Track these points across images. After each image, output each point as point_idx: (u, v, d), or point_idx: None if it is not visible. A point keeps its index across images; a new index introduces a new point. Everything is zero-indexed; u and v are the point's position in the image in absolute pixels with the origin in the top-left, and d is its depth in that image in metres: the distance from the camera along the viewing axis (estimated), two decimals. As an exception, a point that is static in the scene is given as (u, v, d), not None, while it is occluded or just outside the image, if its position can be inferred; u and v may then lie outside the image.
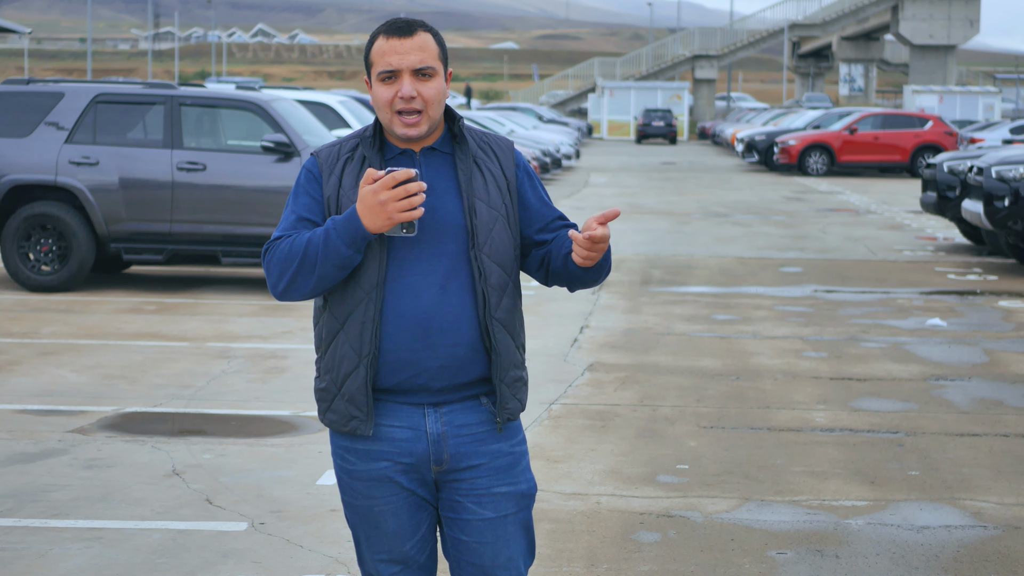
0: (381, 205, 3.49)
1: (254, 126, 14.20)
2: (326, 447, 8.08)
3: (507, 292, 3.72)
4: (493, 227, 3.69)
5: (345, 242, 3.55)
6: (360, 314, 3.64)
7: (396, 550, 3.77)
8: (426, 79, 3.65)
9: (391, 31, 3.66)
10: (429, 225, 3.63)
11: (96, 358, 10.70)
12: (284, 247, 3.63)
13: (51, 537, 6.38)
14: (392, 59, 3.63)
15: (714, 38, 79.13)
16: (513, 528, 3.78)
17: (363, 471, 3.73)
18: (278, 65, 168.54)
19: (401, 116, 3.64)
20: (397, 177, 3.49)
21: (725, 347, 11.61)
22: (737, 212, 26.27)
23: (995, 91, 61.41)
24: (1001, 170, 16.73)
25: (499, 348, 3.70)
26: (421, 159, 3.70)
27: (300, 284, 3.62)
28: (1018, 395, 9.87)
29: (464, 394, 3.72)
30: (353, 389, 3.66)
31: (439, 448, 3.70)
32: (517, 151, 3.84)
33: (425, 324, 3.63)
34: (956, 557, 6.32)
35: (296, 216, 3.70)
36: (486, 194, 3.71)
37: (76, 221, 13.94)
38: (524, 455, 3.83)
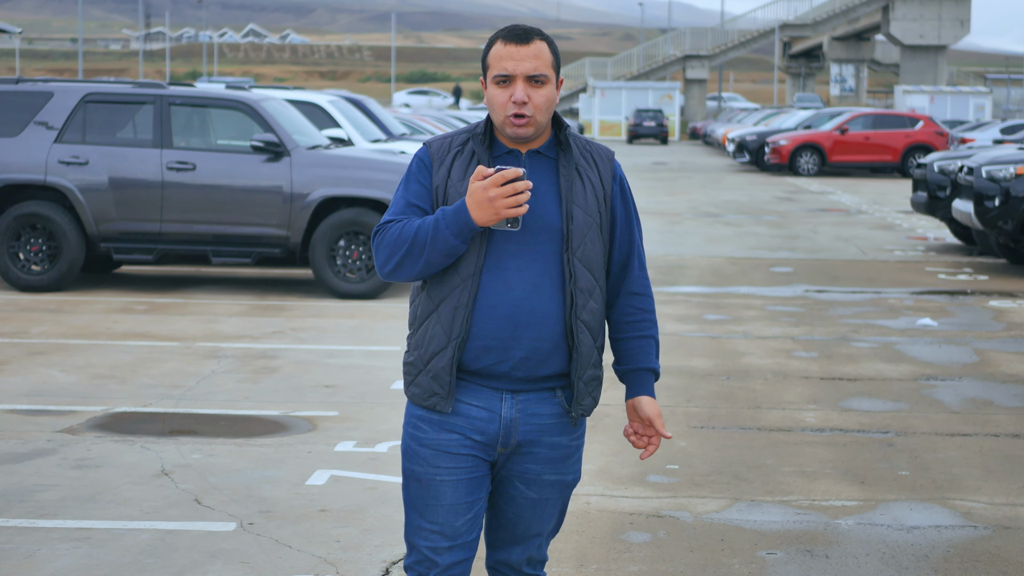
0: (490, 201, 3.75)
1: (244, 126, 14.18)
2: (315, 447, 8.07)
3: (593, 296, 3.95)
4: (587, 233, 3.93)
5: (453, 232, 3.80)
6: (455, 299, 3.88)
7: (449, 524, 3.97)
8: (539, 86, 3.89)
9: (510, 37, 3.90)
10: (528, 224, 3.88)
11: (86, 358, 10.67)
12: (395, 231, 3.89)
13: (39, 537, 6.36)
14: (508, 64, 3.88)
15: (705, 38, 79.15)
16: (551, 510, 4.09)
17: (433, 440, 3.96)
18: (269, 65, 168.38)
19: (512, 118, 3.87)
20: (506, 175, 3.74)
21: (716, 347, 11.61)
22: (728, 212, 26.28)
23: (986, 91, 61.48)
24: (991, 170, 16.75)
25: (580, 348, 3.93)
26: (527, 160, 3.94)
27: (407, 267, 3.88)
28: (1008, 395, 9.87)
29: (541, 385, 3.96)
30: (439, 367, 3.90)
31: (508, 432, 3.96)
32: (618, 164, 4.08)
33: (514, 316, 3.87)
34: (946, 557, 6.32)
35: (406, 202, 3.95)
36: (584, 201, 3.94)
37: (66, 221, 13.91)
38: (579, 448, 4.10)
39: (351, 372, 10.28)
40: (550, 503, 4.07)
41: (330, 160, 14.02)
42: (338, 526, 6.59)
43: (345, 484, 7.31)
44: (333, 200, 13.89)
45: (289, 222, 13.80)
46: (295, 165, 13.82)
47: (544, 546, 4.15)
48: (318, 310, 13.30)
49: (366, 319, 12.77)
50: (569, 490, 4.11)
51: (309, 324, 12.45)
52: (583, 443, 4.10)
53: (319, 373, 10.24)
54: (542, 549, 4.15)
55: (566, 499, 4.13)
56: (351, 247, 13.87)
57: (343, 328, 12.26)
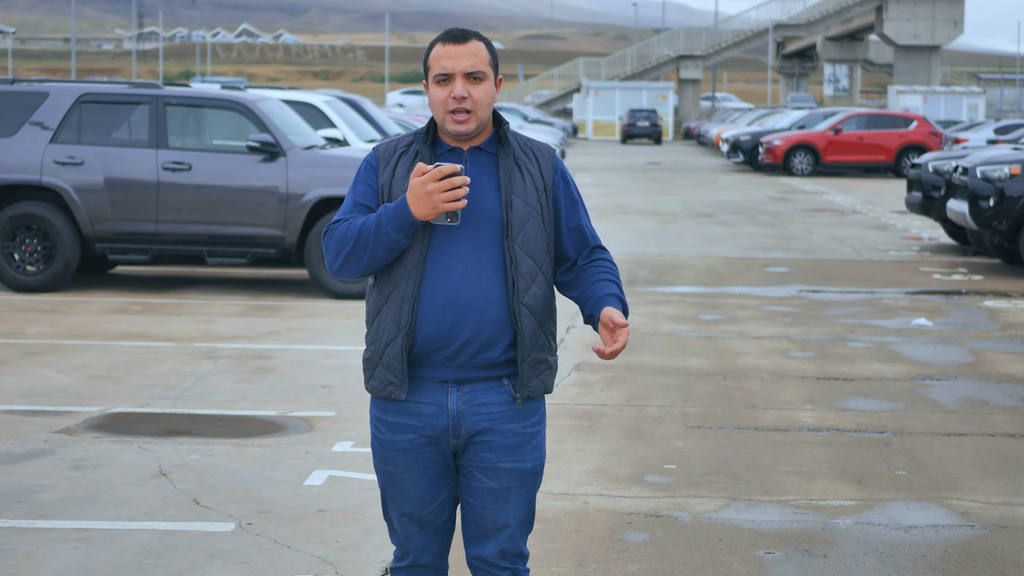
0: (428, 195, 3.93)
1: (239, 126, 14.18)
2: (313, 447, 8.07)
3: (536, 281, 4.09)
4: (527, 222, 4.09)
5: (395, 227, 3.98)
6: (401, 290, 4.05)
7: (416, 513, 4.20)
8: (477, 82, 4.06)
9: (447, 38, 4.10)
10: (469, 215, 4.04)
11: (82, 358, 10.67)
12: (341, 229, 4.06)
13: (38, 538, 6.36)
14: (447, 63, 4.06)
15: (699, 38, 79.16)
16: (514, 500, 4.18)
17: (391, 441, 4.16)
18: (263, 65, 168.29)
19: (453, 115, 4.05)
20: (443, 171, 3.91)
21: (712, 347, 11.62)
22: (722, 212, 26.29)
23: (979, 91, 61.53)
24: (986, 170, 16.77)
25: (524, 331, 4.07)
26: (468, 156, 4.12)
27: (354, 263, 4.05)
28: (1004, 395, 9.89)
29: (487, 374, 4.10)
30: (391, 357, 4.06)
31: (458, 423, 4.10)
32: (559, 159, 4.24)
33: (456, 302, 4.03)
34: (944, 556, 6.33)
35: (354, 202, 4.14)
36: (524, 191, 4.11)
37: (61, 221, 13.91)
38: (536, 435, 4.20)
39: (347, 372, 10.28)
40: (512, 492, 4.17)
41: (326, 160, 14.02)
42: (337, 526, 6.59)
43: (343, 484, 7.32)
44: (329, 200, 13.89)
45: (285, 222, 13.80)
46: (291, 165, 13.82)
47: (518, 539, 4.22)
48: (313, 310, 13.31)
49: (361, 319, 12.77)
50: (531, 479, 4.20)
51: (305, 324, 12.46)
52: (541, 430, 4.22)
53: (315, 373, 10.24)
54: (515, 541, 4.21)
55: (531, 489, 4.21)
56: (347, 247, 13.84)
57: (339, 328, 12.26)
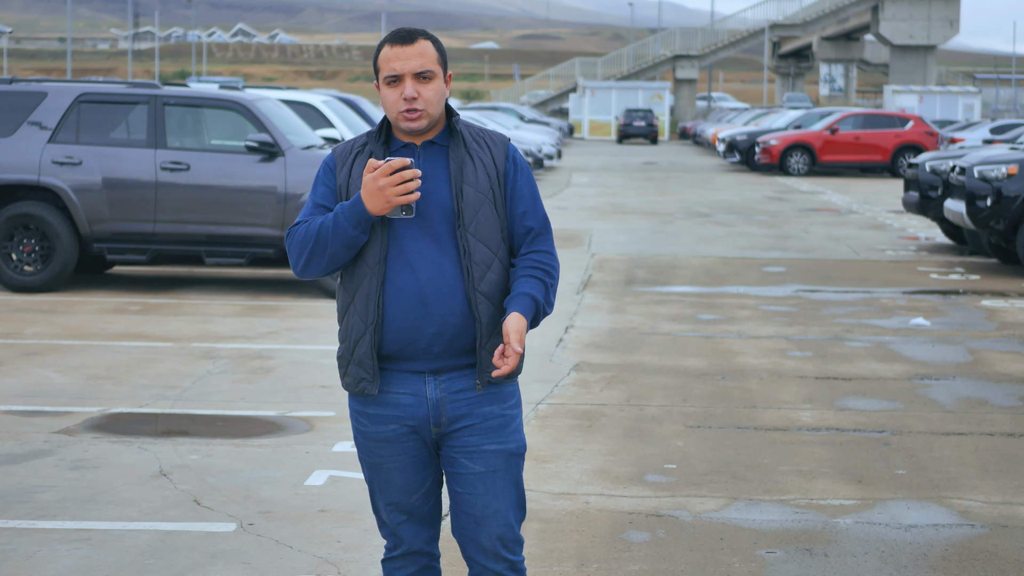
0: (380, 190, 3.99)
1: (238, 126, 14.17)
2: (313, 447, 8.07)
3: (492, 268, 4.14)
4: (479, 209, 4.14)
5: (351, 224, 4.05)
6: (366, 287, 4.11)
7: (403, 501, 4.26)
8: (426, 81, 4.12)
9: (395, 40, 4.13)
10: (424, 208, 4.10)
11: (80, 359, 10.67)
12: (302, 231, 4.13)
13: (39, 538, 6.36)
14: (396, 64, 4.11)
15: (695, 38, 79.21)
16: (502, 483, 4.22)
17: (373, 432, 4.21)
18: (258, 65, 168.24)
19: (405, 114, 4.10)
20: (394, 165, 3.98)
21: (710, 347, 11.63)
22: (719, 212, 26.30)
23: (975, 91, 61.59)
24: (983, 170, 16.78)
25: (482, 318, 4.12)
26: (421, 151, 4.16)
27: (315, 262, 4.11)
28: (1002, 394, 9.90)
29: (461, 362, 4.15)
30: (361, 353, 4.12)
31: (438, 411, 4.16)
32: (512, 146, 4.29)
33: (421, 295, 4.08)
34: (944, 556, 6.34)
35: (313, 203, 4.20)
36: (475, 179, 4.16)
37: (59, 221, 13.90)
38: (515, 418, 4.26)
39: (347, 372, 10.26)
40: (498, 475, 4.20)
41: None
42: (338, 526, 6.60)
43: (344, 484, 7.32)
44: (327, 200, 13.87)
45: (283, 222, 13.79)
46: (289, 165, 13.82)
47: (513, 523, 4.24)
48: (311, 310, 13.30)
49: (360, 319, 12.75)
50: (516, 460, 4.24)
51: (303, 324, 12.46)
52: (519, 413, 4.28)
53: (315, 373, 10.24)
54: (511, 528, 4.24)
55: (516, 472, 4.25)
56: (345, 247, 13.85)
57: (336, 328, 12.23)
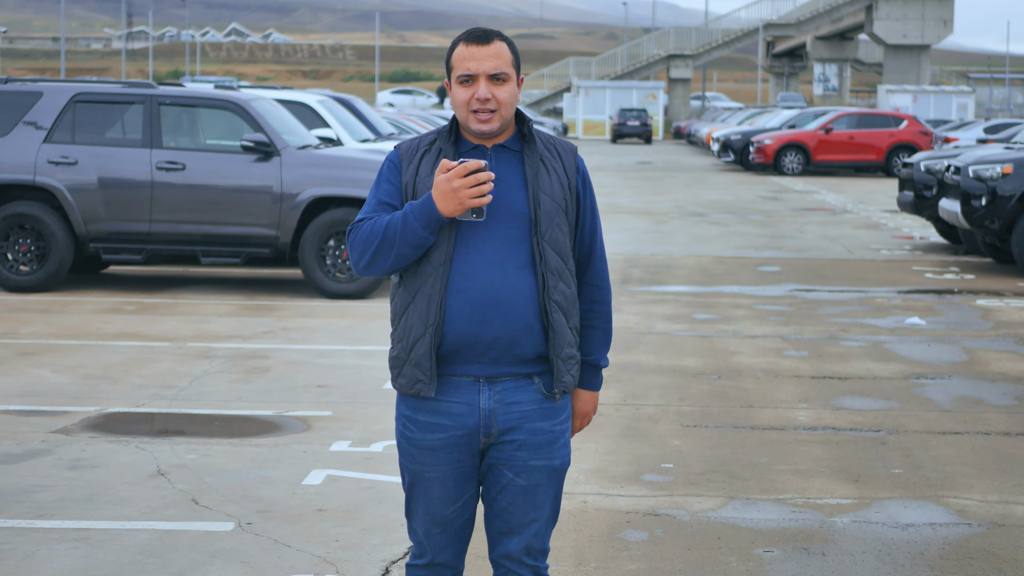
0: (454, 191, 3.94)
1: (233, 125, 14.17)
2: (311, 447, 8.08)
3: (563, 278, 4.13)
4: (554, 218, 4.12)
5: (421, 224, 4.00)
6: (428, 287, 4.06)
7: (438, 513, 4.21)
8: (500, 83, 4.08)
9: (471, 39, 4.11)
10: (495, 212, 4.06)
11: (77, 358, 10.67)
12: (366, 228, 4.08)
13: (37, 538, 6.37)
14: (470, 64, 4.08)
15: (689, 38, 79.23)
16: (542, 497, 4.21)
17: (420, 439, 4.17)
18: (252, 64, 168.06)
19: (476, 114, 4.07)
20: (468, 167, 3.94)
21: (706, 346, 11.64)
22: (714, 211, 26.33)
23: (968, 91, 61.65)
24: (978, 169, 16.81)
25: (555, 326, 4.10)
26: (492, 154, 4.14)
27: (380, 261, 4.06)
28: (998, 393, 9.92)
29: (517, 371, 4.13)
30: (419, 355, 4.08)
31: (489, 422, 4.13)
32: (580, 158, 4.26)
33: (484, 298, 4.04)
34: (941, 555, 6.35)
35: (377, 200, 4.15)
36: (550, 188, 4.13)
37: (55, 221, 13.90)
38: (564, 433, 4.23)
39: (343, 372, 10.29)
40: (540, 489, 4.19)
41: (320, 160, 14.03)
42: (336, 525, 6.60)
43: (342, 484, 7.33)
44: (323, 200, 13.90)
45: (279, 222, 13.80)
46: (285, 165, 13.82)
47: (543, 536, 4.25)
48: (308, 310, 13.31)
49: (356, 319, 12.78)
50: (559, 475, 4.23)
51: (299, 324, 12.46)
52: (568, 427, 4.25)
53: (311, 373, 10.25)
54: (541, 538, 4.25)
55: (558, 485, 4.24)
56: (341, 247, 13.87)
57: (333, 328, 12.26)
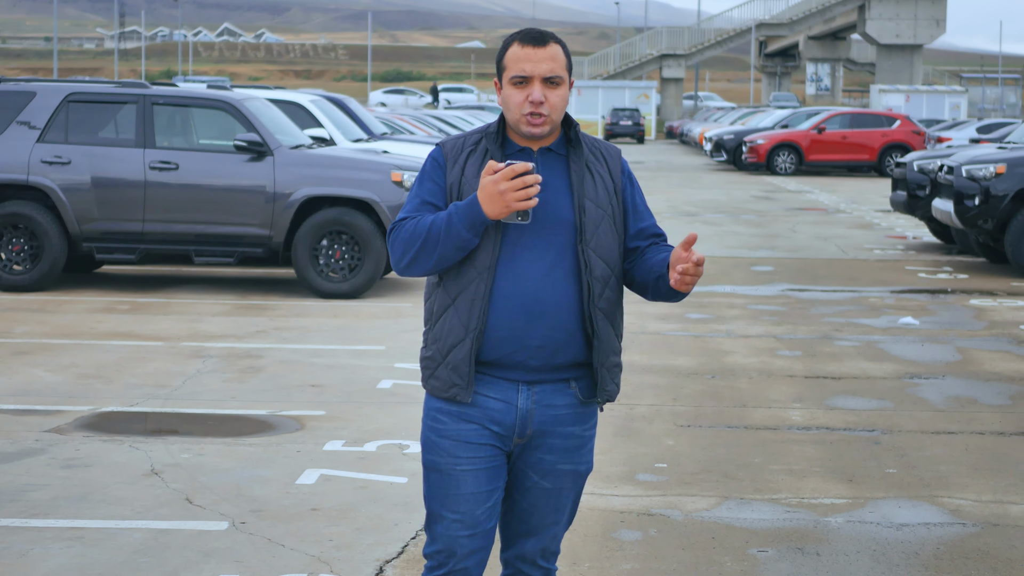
0: (500, 194, 3.87)
1: (227, 125, 14.16)
2: (304, 446, 8.07)
3: (609, 285, 4.08)
4: (600, 225, 4.06)
5: (465, 225, 3.92)
6: (471, 291, 3.99)
7: (470, 513, 4.09)
8: (554, 87, 4.02)
9: (527, 40, 4.04)
10: (541, 217, 4.00)
11: (70, 358, 10.65)
12: (409, 227, 4.01)
13: (32, 537, 6.36)
14: (526, 66, 4.01)
15: (681, 37, 79.27)
16: (565, 500, 4.20)
17: (453, 431, 4.08)
18: (244, 64, 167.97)
19: (529, 117, 4.00)
20: (516, 169, 3.87)
21: (700, 346, 11.64)
22: (707, 211, 26.34)
23: (961, 90, 61.72)
24: (971, 169, 16.83)
25: (600, 335, 4.06)
26: (538, 157, 4.07)
27: (422, 262, 3.99)
28: (992, 393, 9.93)
29: (557, 376, 4.07)
30: (458, 359, 4.02)
31: (524, 423, 4.08)
32: (624, 160, 4.22)
33: (529, 306, 3.99)
34: (936, 554, 6.35)
35: (420, 200, 4.07)
36: (595, 194, 4.07)
37: (48, 221, 13.88)
38: (592, 439, 4.22)
39: (336, 371, 10.28)
40: (563, 493, 4.18)
41: (313, 160, 14.02)
42: (330, 525, 6.60)
43: (335, 483, 7.32)
44: (316, 200, 13.89)
45: (272, 222, 13.79)
46: (278, 165, 13.81)
47: (559, 538, 4.26)
48: (301, 309, 13.30)
49: (349, 318, 12.78)
50: (582, 480, 4.21)
51: (292, 324, 12.45)
52: (595, 433, 4.22)
53: (304, 372, 10.24)
54: (557, 540, 4.25)
55: (579, 489, 4.24)
56: (334, 247, 13.87)
57: (326, 327, 12.26)
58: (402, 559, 6.13)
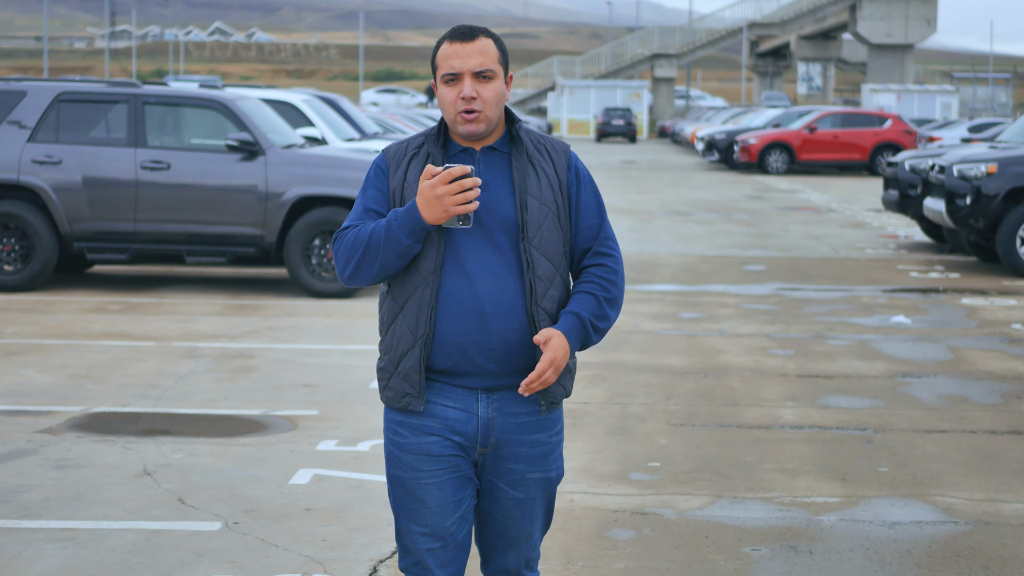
0: (438, 199, 3.78)
1: (218, 125, 14.14)
2: (297, 446, 8.07)
3: (554, 284, 3.97)
4: (543, 222, 3.96)
5: (405, 232, 3.85)
6: (417, 298, 3.91)
7: (438, 525, 4.00)
8: (486, 81, 3.92)
9: (455, 36, 3.95)
10: (484, 218, 3.92)
11: (62, 358, 10.64)
12: (351, 236, 3.93)
13: (24, 538, 6.35)
14: (455, 62, 3.92)
15: (673, 37, 79.29)
16: (538, 508, 4.12)
17: (414, 444, 3.98)
18: (236, 63, 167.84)
19: (463, 115, 3.91)
20: (453, 173, 3.78)
21: (692, 345, 11.65)
22: (699, 210, 26.35)
23: (952, 90, 61.79)
24: (963, 168, 16.84)
25: None
26: (480, 157, 3.98)
27: (364, 270, 3.91)
28: (983, 392, 9.94)
29: (516, 380, 3.97)
30: (408, 367, 3.94)
31: (487, 431, 3.99)
32: (574, 155, 4.10)
33: (479, 309, 3.90)
34: (928, 553, 6.36)
35: (364, 207, 3.99)
36: (538, 191, 3.98)
37: (39, 220, 13.86)
38: (559, 444, 4.12)
39: (329, 371, 10.27)
40: (536, 501, 4.10)
41: (305, 159, 14.01)
42: (324, 525, 6.59)
43: (329, 483, 7.32)
44: (308, 199, 13.88)
45: (264, 221, 13.78)
46: (270, 164, 13.80)
47: (538, 544, 4.19)
48: (293, 309, 13.29)
49: (341, 318, 12.77)
50: (554, 487, 4.13)
51: (285, 323, 12.44)
52: (562, 439, 4.13)
53: (297, 372, 10.24)
54: (536, 547, 4.19)
55: (551, 497, 4.15)
56: (326, 246, 13.86)
57: (319, 327, 12.25)
58: (396, 559, 6.12)
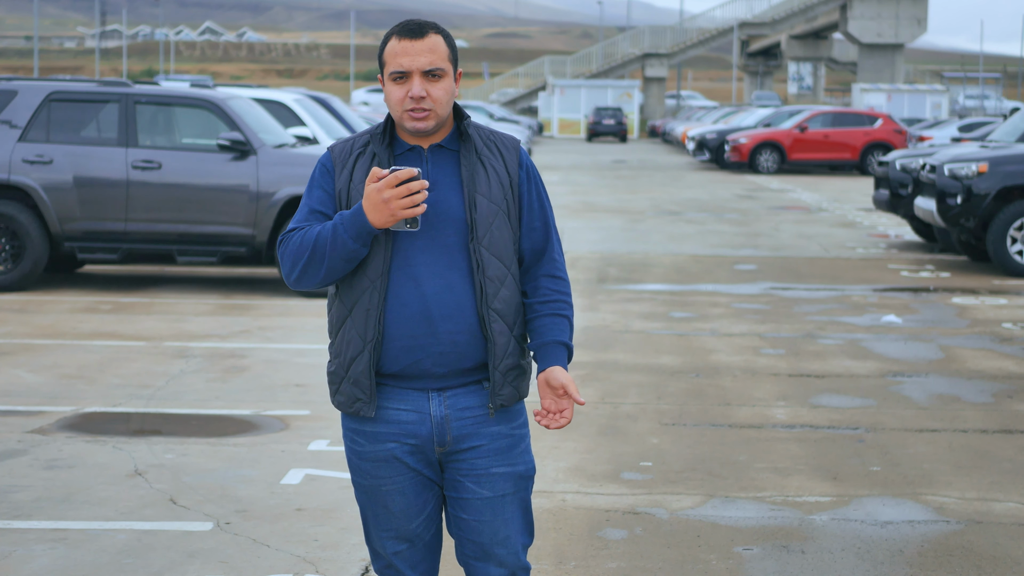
0: (385, 202, 3.68)
1: (210, 124, 14.12)
2: (288, 446, 8.06)
3: (505, 284, 3.89)
4: (493, 221, 3.86)
5: (351, 236, 3.74)
6: (365, 301, 3.83)
7: (403, 528, 3.97)
8: (435, 79, 3.82)
9: (404, 33, 3.83)
10: (432, 218, 3.81)
11: (52, 358, 10.62)
12: (296, 239, 3.83)
13: (14, 538, 6.33)
14: (404, 60, 3.80)
15: (664, 37, 79.32)
16: (511, 508, 3.98)
17: (371, 452, 3.93)
18: (226, 63, 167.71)
19: (411, 112, 3.81)
20: (400, 176, 3.67)
21: (684, 344, 11.65)
22: (690, 210, 26.35)
23: (942, 89, 61.88)
24: (954, 168, 16.86)
25: (495, 337, 3.86)
26: (428, 155, 3.88)
27: (311, 274, 3.81)
28: (975, 391, 9.95)
29: (466, 379, 3.90)
30: (358, 372, 3.86)
31: (442, 430, 3.89)
32: (524, 151, 4.01)
33: (427, 312, 3.81)
34: (920, 552, 6.36)
35: (309, 209, 3.89)
36: (488, 189, 3.88)
37: (29, 220, 13.83)
38: (524, 438, 4.01)
39: (320, 371, 10.25)
40: (507, 500, 3.95)
41: (296, 159, 13.99)
42: (315, 525, 6.59)
43: (320, 483, 7.31)
44: (299, 199, 13.85)
45: (255, 221, 13.77)
46: (261, 164, 13.79)
47: (520, 552, 4.00)
48: (285, 309, 13.27)
49: (333, 318, 12.73)
50: (524, 483, 3.98)
51: (276, 323, 12.43)
52: (527, 432, 4.02)
53: (288, 372, 10.22)
54: (518, 556, 3.99)
55: (525, 496, 4.00)
56: (317, 246, 13.82)
57: (310, 327, 12.23)
58: (387, 559, 6.11)
